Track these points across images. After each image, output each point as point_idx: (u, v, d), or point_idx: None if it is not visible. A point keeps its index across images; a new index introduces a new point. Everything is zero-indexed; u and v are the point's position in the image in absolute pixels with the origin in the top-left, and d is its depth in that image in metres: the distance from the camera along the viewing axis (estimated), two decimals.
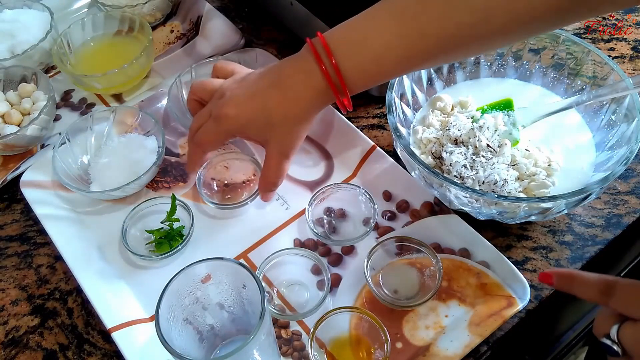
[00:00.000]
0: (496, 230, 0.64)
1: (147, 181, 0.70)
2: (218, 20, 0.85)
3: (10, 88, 0.78)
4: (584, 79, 0.67)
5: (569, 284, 0.44)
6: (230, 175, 0.70)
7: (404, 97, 0.67)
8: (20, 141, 0.72)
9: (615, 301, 0.40)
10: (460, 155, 0.61)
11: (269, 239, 0.65)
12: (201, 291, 0.49)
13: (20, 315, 0.63)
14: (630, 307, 0.39)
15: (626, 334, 0.39)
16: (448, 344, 0.55)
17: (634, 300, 0.39)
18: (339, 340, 0.56)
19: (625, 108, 0.61)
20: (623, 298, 0.40)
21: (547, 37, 0.68)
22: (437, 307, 0.58)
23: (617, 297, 0.40)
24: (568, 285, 0.44)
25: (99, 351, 0.59)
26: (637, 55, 0.79)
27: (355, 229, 0.64)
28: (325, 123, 0.72)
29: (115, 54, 0.81)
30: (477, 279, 0.59)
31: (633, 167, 0.68)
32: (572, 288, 0.44)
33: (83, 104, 0.80)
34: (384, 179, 0.67)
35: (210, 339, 0.53)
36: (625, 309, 0.40)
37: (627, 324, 0.39)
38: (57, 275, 0.65)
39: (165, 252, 0.63)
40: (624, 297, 0.40)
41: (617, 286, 0.40)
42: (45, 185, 0.69)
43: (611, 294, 0.40)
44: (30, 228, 0.69)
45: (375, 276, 0.60)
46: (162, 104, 0.76)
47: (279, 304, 0.60)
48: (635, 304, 0.39)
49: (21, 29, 0.82)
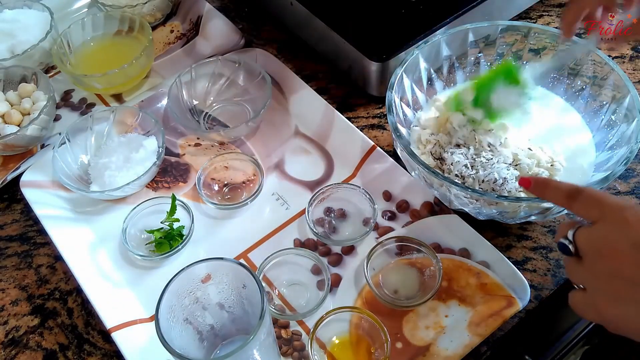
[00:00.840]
0: (496, 230, 0.64)
1: (147, 181, 0.70)
2: (218, 20, 0.85)
3: (10, 88, 0.78)
4: (584, 79, 0.67)
5: (543, 189, 0.49)
6: (230, 176, 0.70)
7: (404, 97, 0.67)
8: (20, 141, 0.72)
9: (578, 205, 0.44)
10: (461, 155, 0.61)
11: (269, 239, 0.65)
12: (201, 291, 0.49)
13: (20, 315, 0.63)
14: (590, 211, 0.43)
15: (581, 234, 0.43)
16: (448, 344, 0.55)
17: (593, 204, 0.43)
18: (339, 340, 0.57)
19: (625, 108, 0.61)
20: (584, 202, 0.44)
21: (547, 37, 0.68)
22: (437, 307, 0.58)
23: (579, 201, 0.44)
24: (542, 190, 0.49)
25: (99, 351, 0.59)
26: (637, 55, 0.79)
27: (355, 229, 0.64)
28: (325, 123, 0.72)
29: (115, 54, 0.81)
30: (477, 279, 0.59)
31: (633, 167, 0.68)
32: (545, 193, 0.48)
33: (83, 104, 0.80)
34: (384, 179, 0.67)
35: (210, 339, 0.53)
36: (584, 211, 0.44)
37: (583, 227, 0.43)
38: (57, 275, 0.65)
39: (165, 252, 0.63)
40: (586, 202, 0.44)
41: (582, 192, 0.44)
42: (45, 185, 0.69)
43: (576, 198, 0.44)
44: (30, 228, 0.69)
45: (375, 276, 0.60)
46: (162, 104, 0.76)
47: (279, 304, 0.60)
48: (593, 208, 0.43)
49: (21, 29, 0.82)
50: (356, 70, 0.76)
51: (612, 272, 0.41)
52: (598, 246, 0.42)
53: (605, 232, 0.42)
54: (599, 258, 0.42)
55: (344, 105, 0.77)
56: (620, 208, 0.42)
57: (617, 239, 0.41)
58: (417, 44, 0.69)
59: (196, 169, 0.71)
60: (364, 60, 0.72)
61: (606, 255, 0.41)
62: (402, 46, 0.71)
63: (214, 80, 0.77)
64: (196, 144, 0.74)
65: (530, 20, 0.84)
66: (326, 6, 0.76)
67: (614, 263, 0.41)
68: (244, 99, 0.77)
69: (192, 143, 0.74)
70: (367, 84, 0.76)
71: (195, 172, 0.71)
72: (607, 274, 0.41)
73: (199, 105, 0.77)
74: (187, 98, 0.75)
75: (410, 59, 0.65)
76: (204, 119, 0.76)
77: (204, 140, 0.74)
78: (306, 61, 0.83)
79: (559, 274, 0.61)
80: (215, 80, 0.77)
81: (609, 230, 0.42)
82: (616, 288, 0.41)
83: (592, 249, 0.42)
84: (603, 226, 0.42)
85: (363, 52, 0.71)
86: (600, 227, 0.42)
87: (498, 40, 0.69)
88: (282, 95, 0.76)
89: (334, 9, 0.76)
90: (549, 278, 0.60)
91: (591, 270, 0.43)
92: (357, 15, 0.75)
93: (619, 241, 0.41)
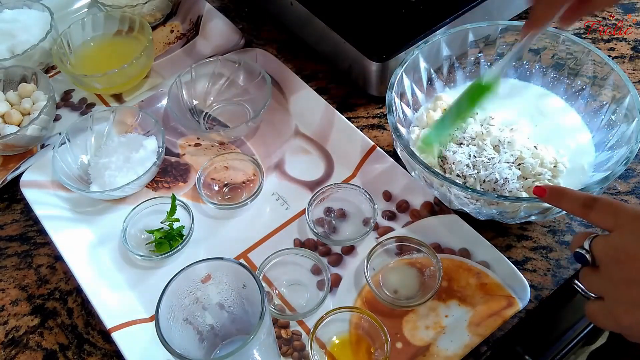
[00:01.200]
0: (496, 230, 0.64)
1: (147, 181, 0.70)
2: (218, 20, 0.85)
3: (10, 88, 0.78)
4: (584, 79, 0.67)
5: (559, 198, 0.49)
6: (230, 176, 0.70)
7: (404, 97, 0.67)
8: (20, 141, 0.72)
9: (595, 214, 0.45)
10: (463, 155, 0.61)
11: (269, 239, 0.65)
12: (201, 291, 0.49)
13: (20, 315, 0.63)
14: (606, 219, 0.44)
15: (598, 243, 0.44)
16: (448, 344, 0.55)
17: (610, 212, 0.44)
18: (339, 340, 0.57)
19: (625, 108, 0.61)
20: (601, 211, 0.44)
21: (547, 37, 0.67)
22: (437, 307, 0.58)
23: (596, 210, 0.45)
24: (558, 199, 0.49)
25: (99, 351, 0.59)
26: (637, 55, 0.79)
27: (355, 229, 0.64)
28: (325, 123, 0.72)
29: (115, 54, 0.81)
30: (477, 279, 0.59)
31: (633, 167, 0.68)
32: (561, 202, 0.49)
33: (83, 104, 0.80)
34: (384, 179, 0.67)
35: (210, 339, 0.53)
36: (601, 220, 0.44)
37: (600, 236, 0.44)
38: (57, 275, 0.65)
39: (165, 252, 0.63)
40: (602, 210, 0.44)
41: (598, 201, 0.45)
42: (45, 185, 0.69)
43: (592, 207, 0.45)
44: (30, 228, 0.69)
45: (375, 276, 0.60)
46: (162, 104, 0.76)
47: (279, 304, 0.60)
48: (610, 216, 0.44)
49: (21, 29, 0.82)
50: (356, 70, 0.76)
51: (629, 278, 0.41)
52: (615, 254, 0.42)
53: (622, 240, 0.42)
54: (616, 265, 0.42)
55: (344, 105, 0.77)
56: (636, 216, 0.42)
57: (634, 246, 0.41)
58: (417, 44, 0.69)
59: (196, 169, 0.71)
60: (364, 60, 0.72)
61: (623, 261, 0.41)
62: (402, 46, 0.71)
63: (214, 80, 0.77)
64: (196, 144, 0.74)
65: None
66: (326, 6, 0.76)
67: (631, 269, 0.41)
68: (244, 99, 0.77)
69: (192, 143, 0.74)
70: (367, 84, 0.76)
71: (195, 172, 0.71)
72: (624, 281, 0.41)
73: (199, 105, 0.77)
74: (187, 98, 0.75)
75: (410, 59, 0.66)
76: (204, 119, 0.76)
77: (204, 140, 0.74)
78: (306, 61, 0.83)
79: (559, 274, 0.61)
80: (215, 80, 0.77)
81: (626, 237, 0.42)
82: (634, 294, 0.41)
83: (609, 256, 0.43)
84: (619, 234, 0.42)
85: (363, 52, 0.71)
86: (616, 235, 0.43)
87: (498, 40, 0.69)
88: (282, 95, 0.76)
89: (334, 8, 0.76)
90: (549, 278, 0.60)
91: (608, 278, 0.43)
92: (357, 15, 0.75)
93: (635, 248, 0.41)
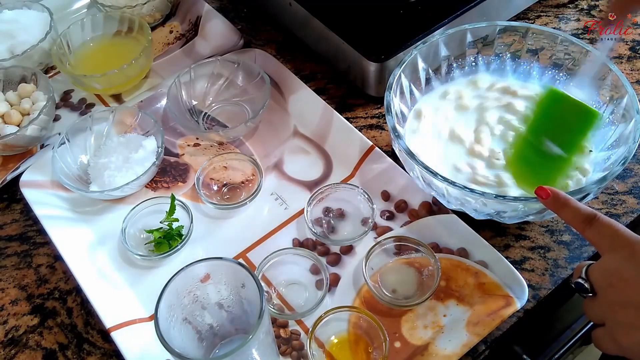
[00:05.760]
0: (494, 230, 0.64)
1: (147, 181, 0.70)
2: (217, 20, 0.85)
3: (10, 88, 0.78)
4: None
5: (561, 206, 0.48)
6: (229, 176, 0.70)
7: (402, 97, 0.67)
8: (20, 141, 0.72)
9: (592, 232, 0.45)
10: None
11: (267, 238, 0.65)
12: (200, 291, 0.49)
13: (19, 314, 0.63)
14: (602, 240, 0.44)
15: (593, 269, 0.44)
16: (446, 344, 0.55)
17: (607, 234, 0.44)
18: (338, 339, 0.57)
19: (623, 108, 0.61)
20: (598, 231, 0.44)
21: (545, 38, 0.68)
22: (436, 306, 0.58)
23: (593, 228, 0.44)
24: (559, 207, 0.48)
25: (98, 351, 0.59)
26: (635, 56, 0.79)
27: (353, 228, 0.65)
28: (324, 123, 0.72)
29: (114, 55, 0.81)
30: (475, 278, 0.59)
31: (631, 167, 0.68)
32: (563, 211, 0.48)
33: (83, 104, 0.80)
34: (383, 178, 0.67)
35: (210, 339, 0.53)
36: (597, 239, 0.44)
37: (594, 264, 0.44)
38: (56, 275, 0.65)
39: (164, 251, 0.63)
40: (599, 230, 0.44)
41: (598, 220, 0.44)
42: (44, 185, 0.69)
43: (591, 224, 0.44)
44: (30, 228, 0.70)
45: (373, 276, 0.60)
46: (161, 104, 0.76)
47: (278, 303, 0.60)
48: (606, 238, 0.43)
49: (21, 30, 0.82)
50: (355, 71, 0.76)
51: (625, 301, 0.42)
52: (609, 278, 0.43)
53: (614, 264, 0.43)
54: (611, 289, 0.43)
55: (343, 106, 0.77)
56: (631, 243, 0.42)
57: (626, 268, 0.42)
58: (415, 45, 0.69)
59: (195, 169, 0.72)
60: (362, 61, 0.72)
61: (616, 285, 0.42)
62: (401, 46, 0.71)
63: (213, 81, 0.78)
64: (195, 144, 0.74)
65: (528, 20, 0.84)
66: (325, 7, 0.76)
67: (624, 292, 0.42)
68: (243, 99, 0.77)
69: (191, 143, 0.75)
70: (366, 84, 0.76)
71: (194, 172, 0.71)
72: (620, 304, 0.42)
73: (198, 105, 0.77)
74: (186, 98, 0.76)
75: (409, 59, 0.66)
76: (203, 119, 0.76)
77: (203, 140, 0.74)
78: (305, 61, 0.83)
79: (557, 274, 0.61)
80: (214, 81, 0.78)
81: (618, 261, 0.42)
82: (630, 316, 0.41)
83: (603, 281, 0.43)
84: (612, 257, 0.43)
85: (362, 53, 0.72)
86: (609, 258, 0.43)
87: (496, 40, 0.69)
88: (281, 96, 0.76)
89: (332, 9, 0.76)
90: (547, 278, 0.60)
91: (605, 302, 0.43)
92: (356, 16, 0.75)
93: (627, 270, 0.41)
